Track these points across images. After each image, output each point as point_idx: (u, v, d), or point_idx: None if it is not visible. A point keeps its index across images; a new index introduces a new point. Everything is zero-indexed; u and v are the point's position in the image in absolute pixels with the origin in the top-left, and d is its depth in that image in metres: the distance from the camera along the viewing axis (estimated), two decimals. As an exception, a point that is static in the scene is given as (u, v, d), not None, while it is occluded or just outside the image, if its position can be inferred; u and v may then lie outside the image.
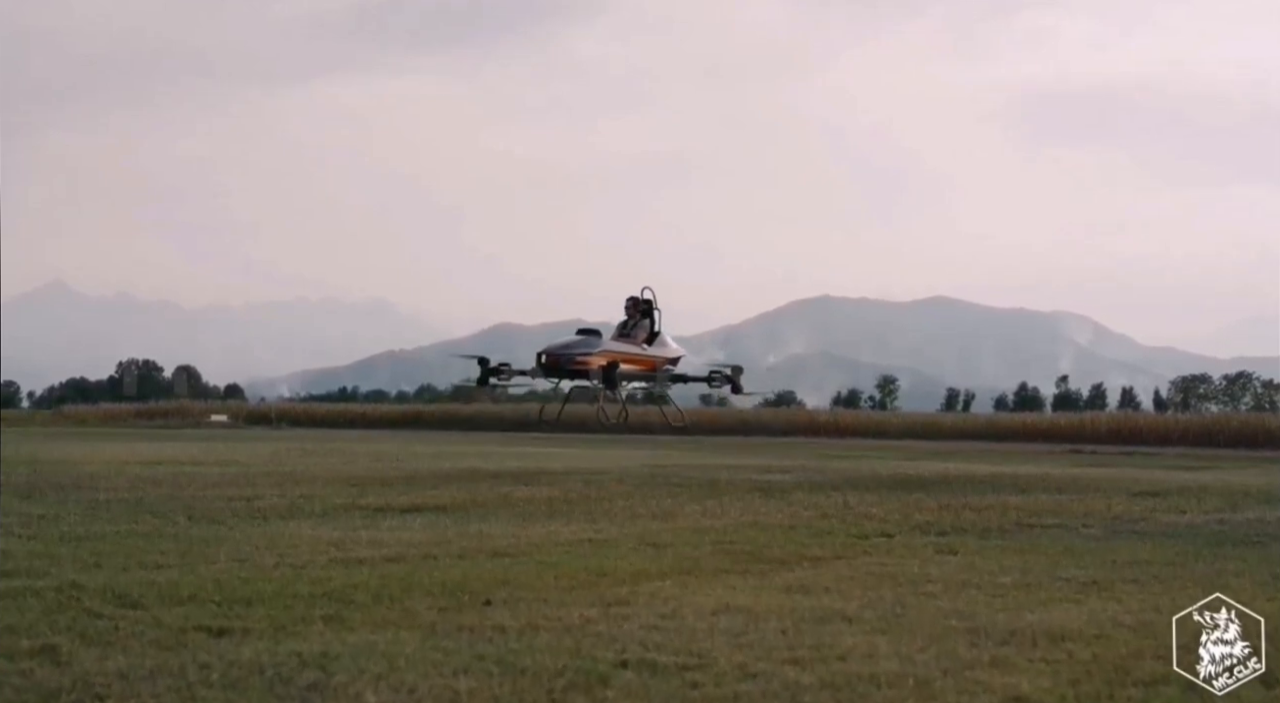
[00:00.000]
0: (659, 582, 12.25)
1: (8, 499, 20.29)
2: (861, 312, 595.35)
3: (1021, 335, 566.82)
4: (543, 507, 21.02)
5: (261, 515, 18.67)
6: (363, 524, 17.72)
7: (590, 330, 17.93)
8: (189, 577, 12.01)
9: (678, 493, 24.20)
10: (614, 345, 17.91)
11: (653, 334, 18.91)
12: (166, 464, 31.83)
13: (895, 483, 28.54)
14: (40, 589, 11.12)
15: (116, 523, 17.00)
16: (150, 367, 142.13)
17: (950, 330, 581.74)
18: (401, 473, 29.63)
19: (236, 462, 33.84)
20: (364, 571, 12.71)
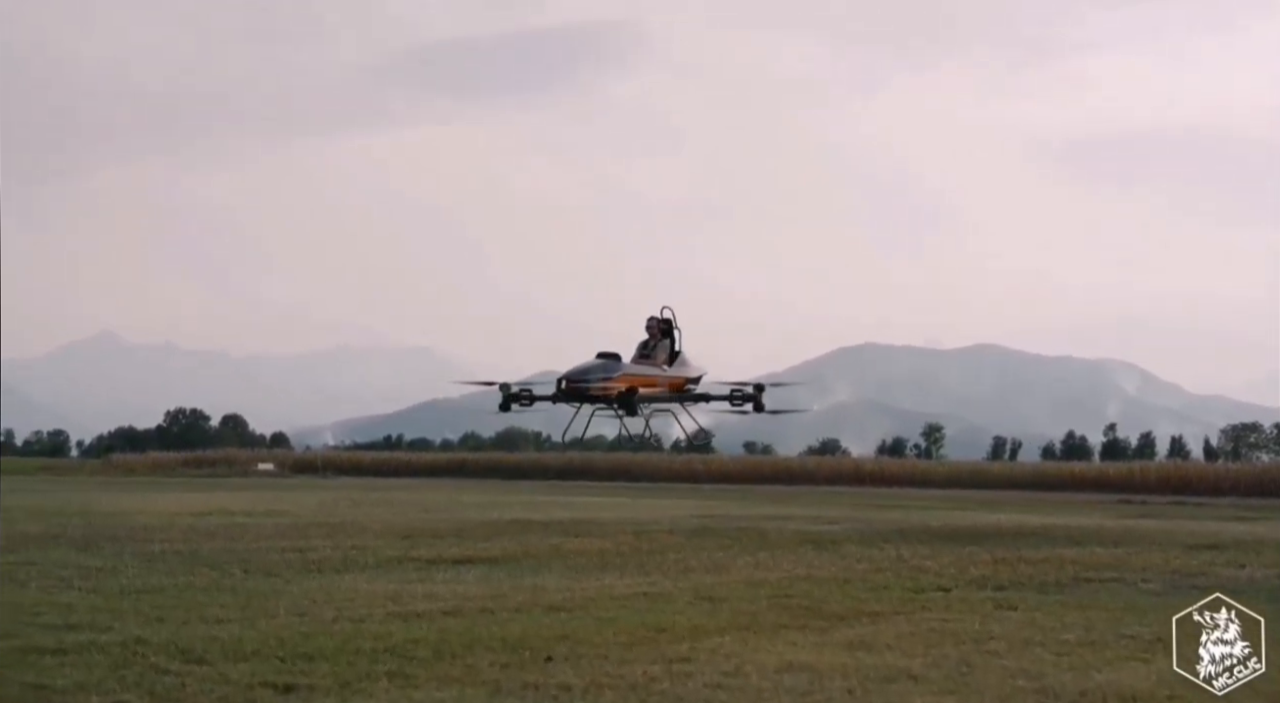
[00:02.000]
0: (718, 638, 12.20)
1: (65, 552, 20.45)
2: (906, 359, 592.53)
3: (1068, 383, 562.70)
4: (595, 559, 20.99)
5: (316, 568, 18.71)
6: (417, 577, 17.74)
7: (610, 354, 17.86)
8: (250, 632, 12.06)
9: (728, 545, 24.12)
10: (634, 369, 17.87)
11: (673, 354, 18.85)
12: (218, 515, 31.99)
13: (947, 535, 28.31)
14: (105, 644, 11.20)
15: (174, 576, 17.09)
16: (197, 415, 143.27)
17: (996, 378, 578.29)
18: (451, 524, 29.67)
19: (286, 512, 33.98)
20: (423, 625, 12.72)
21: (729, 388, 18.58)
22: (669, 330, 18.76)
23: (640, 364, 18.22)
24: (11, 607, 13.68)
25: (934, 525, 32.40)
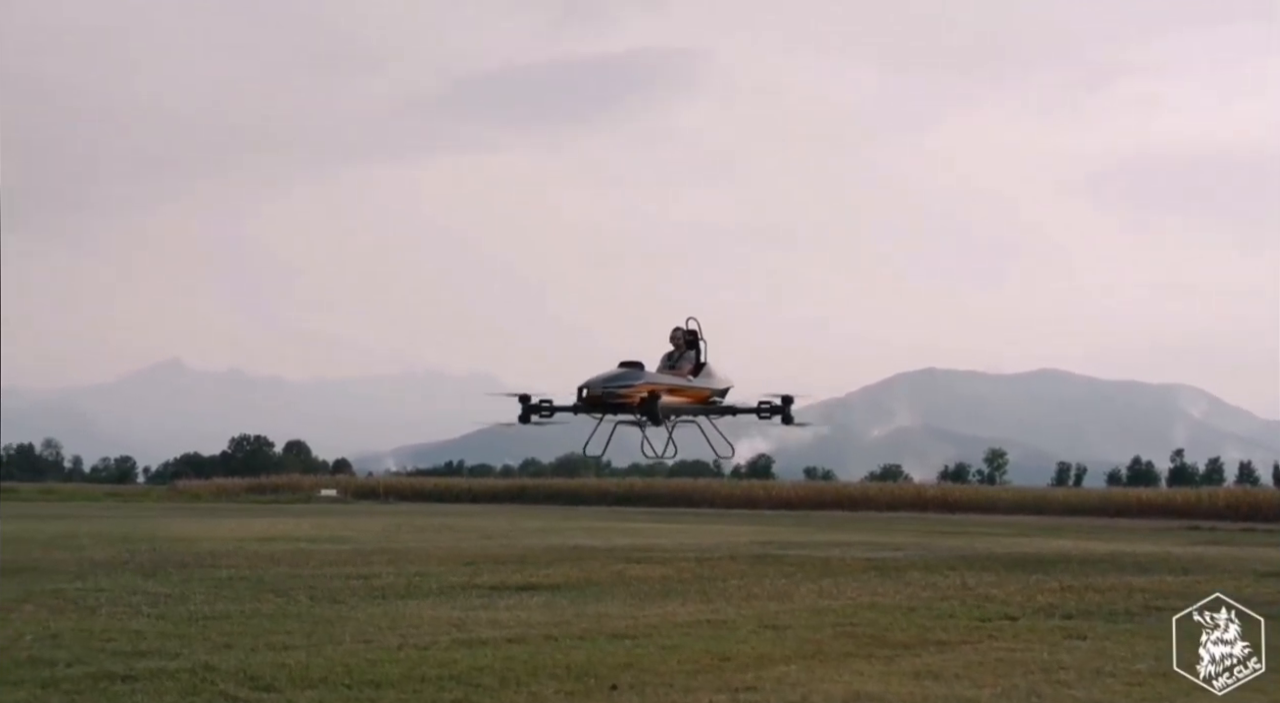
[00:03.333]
0: (784, 667, 12.12)
1: (132, 578, 20.67)
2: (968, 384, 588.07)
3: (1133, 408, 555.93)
4: (657, 585, 20.94)
5: (380, 594, 18.80)
6: (480, 604, 17.78)
7: (633, 363, 17.61)
8: (317, 659, 12.13)
9: (791, 572, 24.00)
10: (658, 378, 17.61)
11: (699, 365, 18.56)
12: (282, 541, 32.27)
13: (1012, 562, 28.01)
14: (174, 671, 11.30)
15: (241, 602, 17.23)
16: (261, 441, 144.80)
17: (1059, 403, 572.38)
18: (513, 550, 29.74)
19: (350, 538, 34.21)
20: (487, 652, 12.74)
21: (756, 400, 18.32)
22: (694, 341, 18.53)
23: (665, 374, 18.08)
24: (82, 633, 13.85)
25: (999, 552, 32.07)
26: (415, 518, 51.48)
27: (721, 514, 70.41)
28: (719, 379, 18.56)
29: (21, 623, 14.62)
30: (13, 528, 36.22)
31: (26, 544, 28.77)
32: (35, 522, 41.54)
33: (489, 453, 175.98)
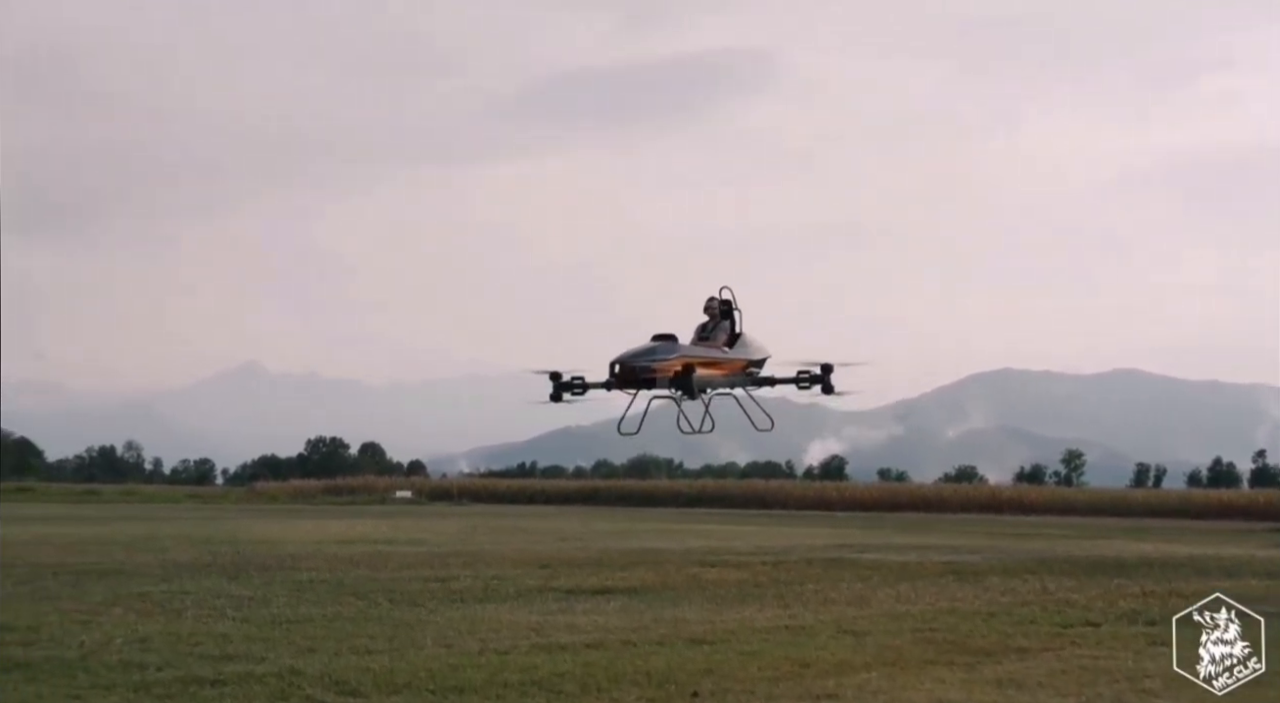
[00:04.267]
0: (864, 674, 12.08)
1: (216, 580, 20.97)
2: (1044, 385, 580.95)
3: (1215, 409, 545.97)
4: (734, 589, 20.93)
5: (458, 598, 18.94)
6: (558, 608, 17.86)
7: (666, 336, 17.00)
8: (400, 663, 12.26)
9: (868, 576, 23.88)
10: (692, 350, 17.01)
11: (734, 336, 17.90)
12: (360, 543, 32.58)
13: (1092, 566, 27.67)
14: (261, 675, 11.48)
15: (323, 606, 17.44)
16: (337, 444, 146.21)
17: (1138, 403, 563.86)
18: (588, 553, 29.82)
19: (426, 540, 34.47)
20: (567, 658, 12.81)
21: (795, 370, 17.70)
22: (729, 312, 17.98)
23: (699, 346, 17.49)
24: (170, 637, 14.09)
25: (1078, 556, 31.68)
26: (489, 520, 51.78)
27: (794, 516, 70.16)
28: (755, 349, 17.79)
29: (111, 626, 14.90)
30: (97, 531, 36.91)
31: (110, 547, 29.29)
32: (119, 524, 42.29)
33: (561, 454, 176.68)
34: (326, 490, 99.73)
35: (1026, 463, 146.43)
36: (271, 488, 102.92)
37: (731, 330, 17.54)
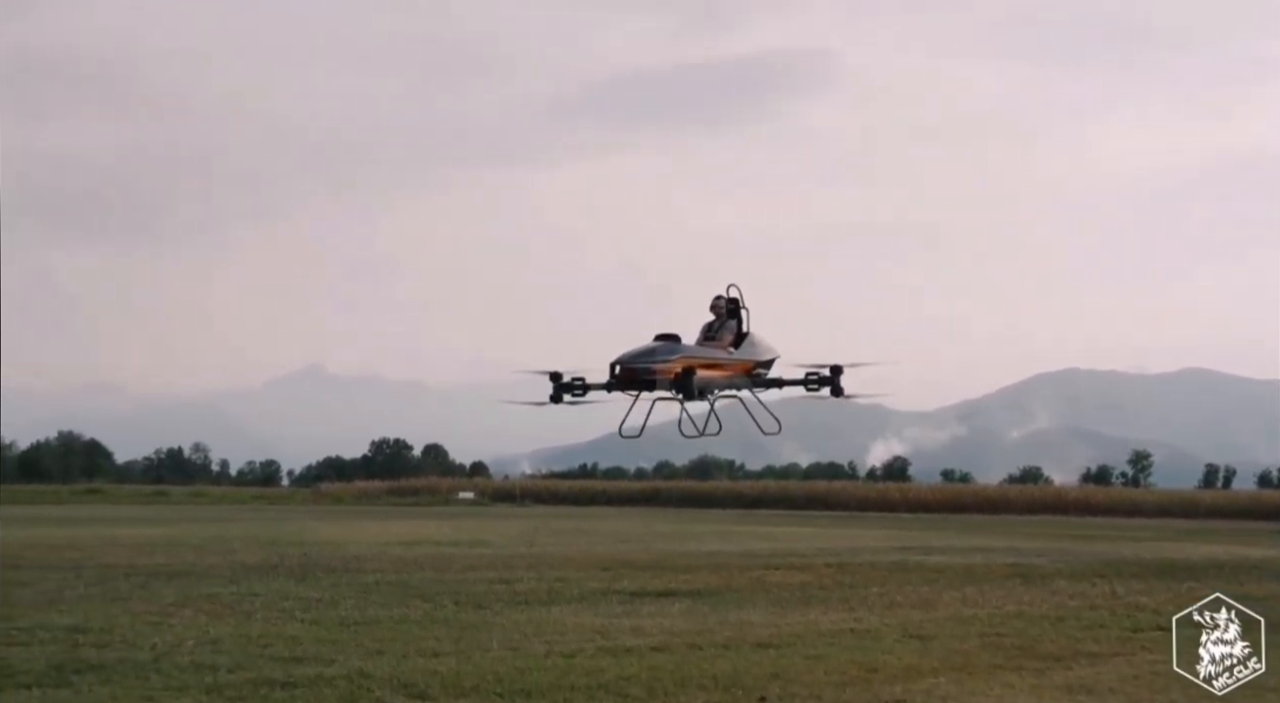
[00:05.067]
0: (932, 679, 11.99)
1: (284, 582, 21.18)
2: (1110, 384, 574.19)
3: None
4: (797, 592, 20.86)
5: (523, 600, 19.01)
6: (622, 610, 17.88)
7: (669, 336, 16.44)
8: (467, 666, 12.33)
9: (933, 579, 23.71)
10: (695, 351, 16.43)
11: (740, 336, 17.35)
12: (424, 544, 32.78)
13: (1162, 569, 27.33)
14: (331, 678, 11.58)
15: (389, 608, 17.57)
16: (400, 445, 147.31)
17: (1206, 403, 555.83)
18: (650, 554, 29.84)
19: (489, 541, 34.63)
20: (633, 661, 12.81)
21: (804, 371, 17.16)
22: (736, 311, 17.47)
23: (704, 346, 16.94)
24: (240, 638, 14.25)
25: (1147, 558, 31.30)
26: (552, 521, 51.95)
27: (857, 517, 69.85)
28: (762, 350, 17.13)
29: (182, 628, 15.10)
30: (166, 532, 37.43)
31: (180, 548, 29.69)
32: (187, 525, 42.85)
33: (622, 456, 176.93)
34: (390, 492, 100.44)
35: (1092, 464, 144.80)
36: (336, 489, 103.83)
37: (738, 330, 17.16)
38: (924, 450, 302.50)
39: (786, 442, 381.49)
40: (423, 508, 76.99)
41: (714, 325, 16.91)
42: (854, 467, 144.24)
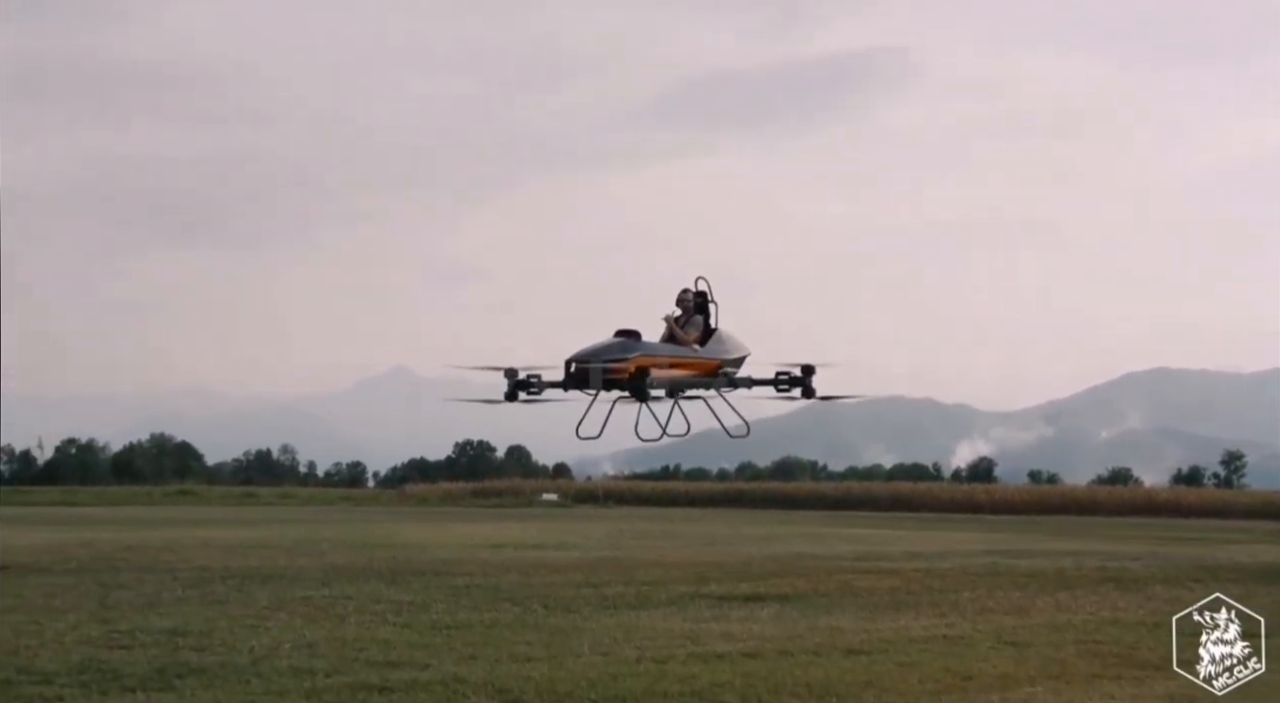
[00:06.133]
0: (1028, 688, 11.85)
1: (375, 585, 21.40)
2: (1201, 384, 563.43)
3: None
4: (886, 597, 20.70)
5: (611, 604, 19.04)
6: (711, 615, 17.86)
7: (629, 332, 15.61)
8: (560, 672, 12.38)
9: (1025, 583, 23.42)
10: (656, 348, 15.55)
11: (708, 332, 16.62)
12: (511, 547, 32.95)
13: (1261, 573, 26.78)
14: (427, 682, 11.68)
15: (480, 612, 17.69)
16: (484, 446, 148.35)
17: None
18: (737, 557, 29.77)
19: (575, 544, 34.72)
20: (725, 667, 12.79)
21: (774, 370, 16.33)
22: (704, 305, 16.70)
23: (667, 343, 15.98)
24: (336, 642, 14.42)
25: (1244, 562, 30.69)
26: (636, 523, 52.01)
27: (943, 519, 69.20)
28: (731, 347, 15.78)
29: (278, 631, 15.31)
30: (258, 534, 37.97)
31: (272, 550, 30.10)
32: (278, 527, 43.44)
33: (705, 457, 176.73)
34: (474, 493, 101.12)
35: (1183, 464, 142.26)
36: (421, 490, 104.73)
37: (705, 326, 15.79)
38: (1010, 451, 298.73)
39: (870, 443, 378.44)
40: (506, 509, 77.47)
41: (680, 320, 15.64)
42: (938, 468, 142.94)
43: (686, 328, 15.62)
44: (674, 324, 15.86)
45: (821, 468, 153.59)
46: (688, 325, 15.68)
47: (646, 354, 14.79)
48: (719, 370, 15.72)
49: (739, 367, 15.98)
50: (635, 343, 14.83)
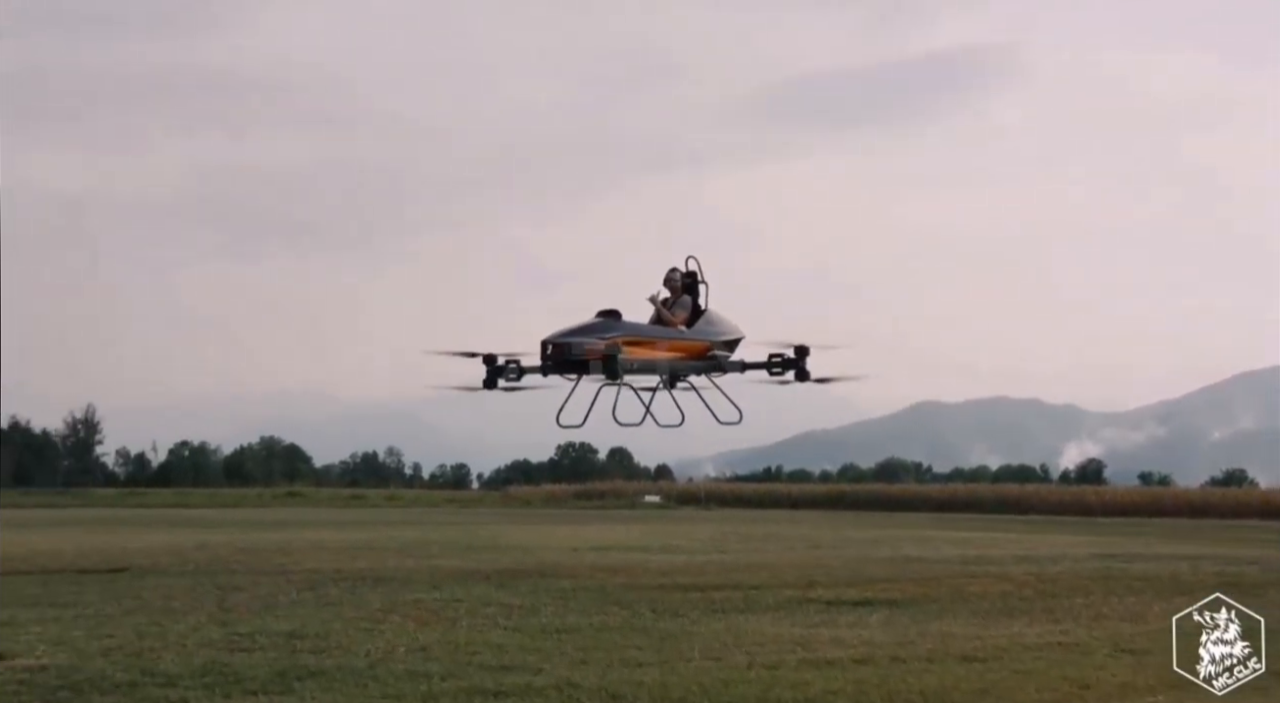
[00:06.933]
0: (1149, 698, 11.62)
1: (484, 588, 21.58)
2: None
3: None
4: (998, 602, 20.44)
5: (719, 608, 19.02)
6: (820, 620, 17.77)
7: (610, 312, 14.43)
8: (672, 677, 12.39)
9: (1140, 589, 22.97)
10: (635, 328, 14.46)
11: (696, 313, 15.26)
12: (616, 549, 33.07)
13: (1386, 579, 25.97)
14: (541, 687, 11.76)
15: (589, 615, 17.77)
16: (586, 448, 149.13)
17: None
18: (843, 561, 29.57)
19: (680, 547, 34.73)
20: (837, 675, 12.71)
21: (767, 353, 15.45)
22: (692, 285, 15.43)
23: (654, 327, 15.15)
24: (448, 645, 14.58)
25: (1369, 567, 29.80)
26: (739, 526, 51.90)
27: (1051, 521, 68.14)
28: (721, 329, 15.44)
29: (392, 634, 15.52)
30: (367, 536, 38.54)
31: (381, 552, 30.52)
32: (386, 529, 44.04)
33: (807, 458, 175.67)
34: (577, 495, 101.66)
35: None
36: (524, 492, 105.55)
37: (694, 306, 15.46)
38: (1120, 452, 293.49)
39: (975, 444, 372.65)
40: (609, 511, 77.74)
41: (668, 302, 15.31)
42: (1045, 469, 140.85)
43: (674, 309, 15.28)
44: (660, 305, 15.61)
45: (925, 469, 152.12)
46: (675, 306, 15.33)
47: (626, 335, 14.32)
48: (708, 353, 15.28)
49: (732, 350, 15.51)
50: (614, 323, 14.43)
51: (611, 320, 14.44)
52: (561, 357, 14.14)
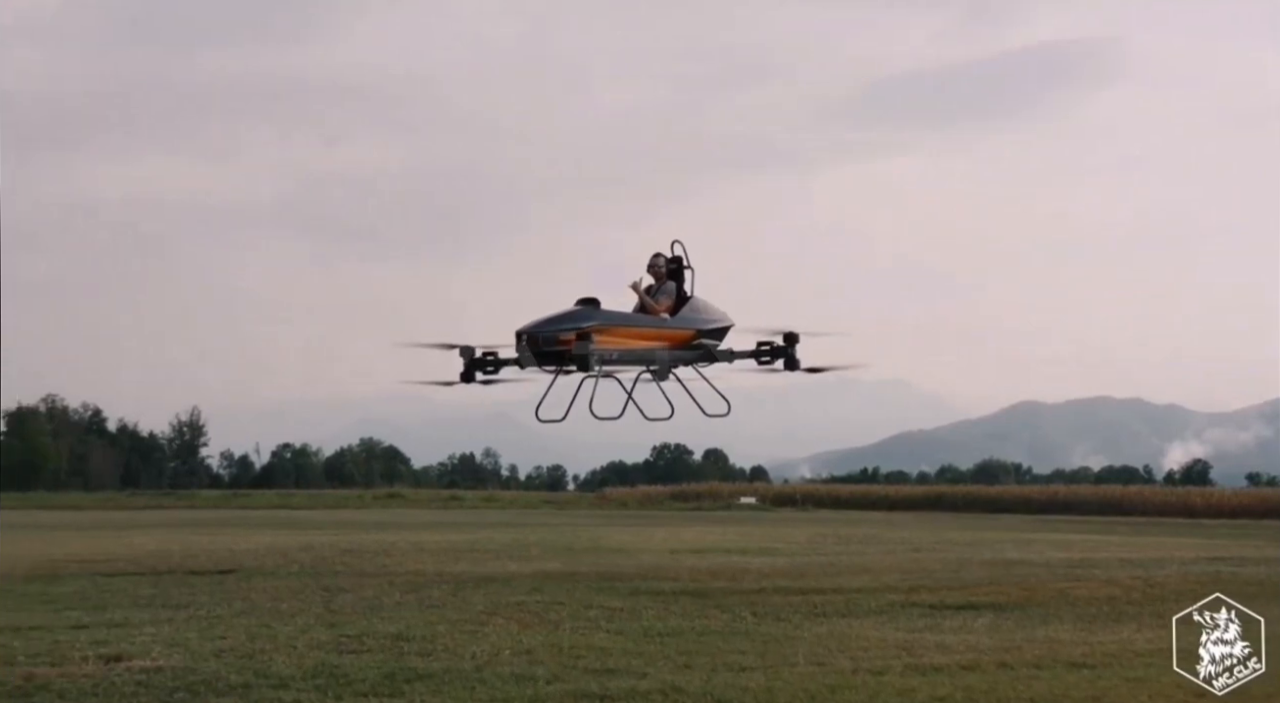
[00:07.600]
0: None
1: (585, 590, 21.66)
2: None
3: None
4: (1104, 607, 20.11)
5: (821, 611, 18.93)
6: (924, 624, 17.61)
7: (589, 300, 13.93)
8: (777, 682, 12.36)
9: (1252, 594, 22.39)
10: (614, 316, 13.91)
11: (682, 299, 14.65)
12: (714, 552, 33.05)
13: None
14: (645, 691, 11.79)
15: (690, 619, 17.78)
16: (681, 449, 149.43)
17: None
18: (945, 563, 29.27)
19: (778, 549, 34.63)
20: (944, 681, 12.59)
21: (755, 341, 14.66)
22: (678, 271, 14.74)
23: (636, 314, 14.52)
24: (552, 648, 14.67)
25: None
26: (838, 528, 51.57)
27: (1155, 523, 66.86)
28: (708, 317, 14.78)
29: (497, 637, 15.64)
30: (467, 537, 38.91)
31: (481, 554, 30.79)
32: (485, 531, 44.42)
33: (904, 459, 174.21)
34: (672, 496, 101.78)
35: None
36: (620, 494, 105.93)
37: (679, 293, 14.84)
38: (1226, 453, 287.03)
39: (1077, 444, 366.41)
40: (705, 513, 77.69)
41: (652, 288, 14.76)
42: (1149, 470, 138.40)
43: (658, 296, 14.83)
44: (642, 293, 15.05)
45: (1025, 471, 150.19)
46: (659, 293, 14.85)
47: (602, 323, 13.84)
48: (694, 341, 14.80)
49: (720, 338, 15.02)
50: (591, 311, 13.98)
51: (590, 308, 14.00)
52: (536, 348, 13.75)
